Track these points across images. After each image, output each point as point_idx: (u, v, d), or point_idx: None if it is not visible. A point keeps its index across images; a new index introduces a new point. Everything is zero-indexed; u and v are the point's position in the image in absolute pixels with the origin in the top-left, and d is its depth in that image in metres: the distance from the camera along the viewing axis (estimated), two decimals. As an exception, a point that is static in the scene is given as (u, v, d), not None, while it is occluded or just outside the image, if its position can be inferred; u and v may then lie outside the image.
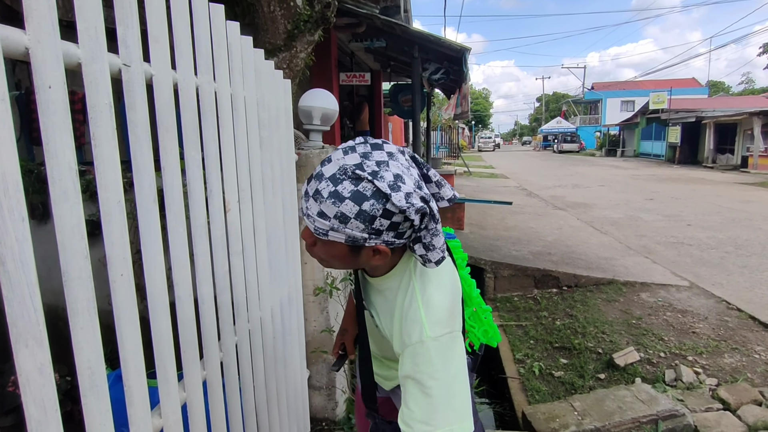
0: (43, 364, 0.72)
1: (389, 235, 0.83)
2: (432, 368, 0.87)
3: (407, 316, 0.91)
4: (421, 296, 0.91)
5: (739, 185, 13.44)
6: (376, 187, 0.78)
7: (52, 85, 0.73)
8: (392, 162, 0.82)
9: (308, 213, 0.83)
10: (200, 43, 1.22)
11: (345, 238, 0.82)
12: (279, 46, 2.98)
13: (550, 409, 2.72)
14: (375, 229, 0.80)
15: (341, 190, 0.78)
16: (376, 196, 0.78)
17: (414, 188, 0.81)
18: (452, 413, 0.87)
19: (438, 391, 0.86)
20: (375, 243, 0.83)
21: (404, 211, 0.79)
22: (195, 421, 1.20)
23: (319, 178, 0.82)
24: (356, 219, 0.78)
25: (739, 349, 3.42)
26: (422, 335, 0.87)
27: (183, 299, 1.13)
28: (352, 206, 0.78)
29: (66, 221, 0.76)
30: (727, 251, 5.86)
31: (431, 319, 0.89)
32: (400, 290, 0.95)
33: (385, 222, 0.80)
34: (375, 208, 0.78)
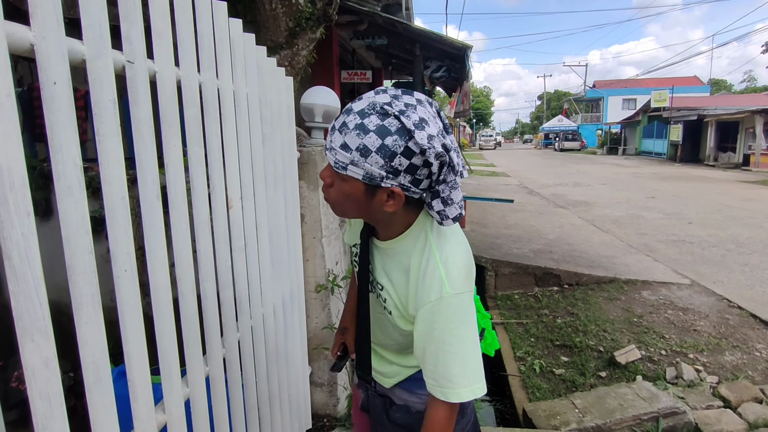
0: (48, 358, 0.72)
1: (406, 179, 0.83)
2: (451, 325, 0.89)
3: (425, 275, 0.91)
4: (439, 254, 0.91)
5: (741, 183, 13.42)
6: (401, 124, 0.79)
7: (57, 81, 0.74)
8: (420, 107, 0.83)
9: (331, 146, 0.83)
10: (203, 41, 1.22)
11: (363, 174, 0.82)
12: (281, 43, 2.98)
13: (551, 406, 2.72)
14: (393, 168, 0.81)
15: (367, 123, 0.80)
16: (400, 133, 0.79)
17: (437, 133, 0.82)
18: (471, 372, 0.91)
19: (457, 349, 0.89)
20: (391, 184, 0.83)
21: (425, 152, 0.80)
22: (198, 417, 1.20)
23: (348, 112, 0.83)
24: (377, 153, 0.79)
25: (740, 346, 3.42)
26: (442, 291, 0.88)
27: (186, 295, 1.13)
28: (375, 139, 0.79)
29: (71, 216, 0.77)
30: (728, 249, 5.85)
31: (450, 276, 0.89)
32: (415, 251, 0.94)
33: (405, 162, 0.81)
34: (397, 144, 0.79)
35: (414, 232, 0.96)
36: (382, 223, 0.97)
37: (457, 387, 0.90)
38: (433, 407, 0.94)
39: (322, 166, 2.30)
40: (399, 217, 0.95)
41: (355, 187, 0.85)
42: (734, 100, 26.54)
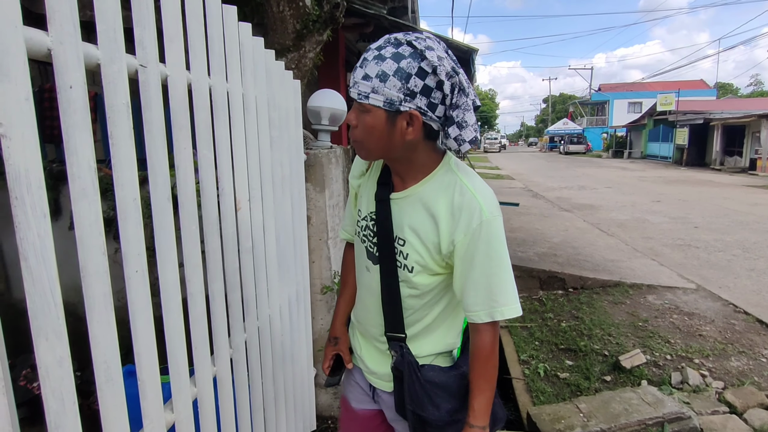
0: (62, 358, 0.73)
1: (422, 101, 0.91)
2: (493, 246, 0.97)
3: (463, 206, 0.98)
4: (472, 186, 1.00)
5: (747, 188, 13.34)
6: (413, 48, 0.89)
7: (73, 86, 0.75)
8: (429, 40, 0.92)
9: (354, 81, 0.93)
10: (213, 45, 1.24)
11: (383, 99, 0.90)
12: (288, 46, 3.00)
13: (555, 410, 2.72)
14: (410, 90, 0.89)
15: (384, 53, 0.90)
16: (413, 56, 0.89)
17: (445, 56, 0.91)
18: (511, 291, 1.00)
19: (498, 270, 0.98)
20: (408, 107, 0.91)
21: (436, 69, 0.89)
22: (205, 416, 1.21)
23: (368, 50, 0.93)
24: (394, 76, 0.88)
25: (746, 352, 3.40)
26: (482, 216, 0.97)
27: (195, 296, 1.15)
28: (391, 64, 0.89)
29: (85, 218, 0.78)
30: (734, 254, 5.82)
31: (486, 203, 0.98)
32: (444, 190, 1.01)
33: (419, 82, 0.89)
34: (411, 66, 0.88)
35: (440, 173, 1.03)
36: (406, 163, 1.03)
37: (499, 305, 0.99)
38: (477, 334, 1.03)
39: (329, 169, 2.31)
40: (423, 156, 1.02)
41: (377, 117, 0.93)
42: (741, 104, 26.40)
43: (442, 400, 1.10)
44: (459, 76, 0.93)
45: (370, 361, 1.24)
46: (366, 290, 1.19)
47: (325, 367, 1.32)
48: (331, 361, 1.32)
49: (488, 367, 1.05)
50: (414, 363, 1.13)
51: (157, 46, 0.99)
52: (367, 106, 0.92)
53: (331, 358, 1.32)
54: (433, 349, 1.15)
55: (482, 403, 1.05)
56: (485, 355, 1.04)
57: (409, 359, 1.13)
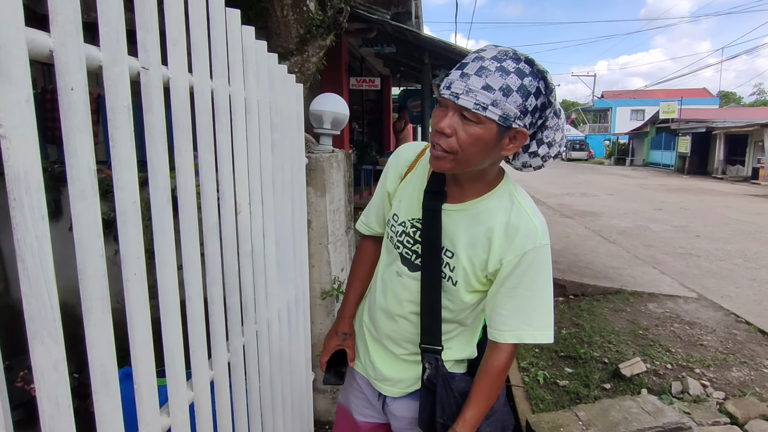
0: (57, 361, 0.73)
1: (528, 120, 0.91)
2: (542, 271, 0.99)
3: (519, 228, 0.99)
4: (528, 209, 1.01)
5: (749, 197, 13.32)
6: (532, 66, 0.89)
7: (75, 87, 0.75)
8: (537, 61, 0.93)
9: (469, 88, 0.88)
10: (216, 48, 1.24)
11: (500, 114, 0.88)
12: (291, 50, 3.00)
13: (554, 418, 2.70)
14: (525, 108, 0.89)
15: (506, 66, 0.88)
16: (534, 75, 0.89)
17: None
18: (548, 318, 1.00)
19: (542, 294, 0.99)
20: (519, 125, 0.91)
21: (552, 91, 0.91)
22: (202, 421, 1.20)
23: (480, 59, 0.90)
24: (517, 93, 0.87)
25: (748, 362, 3.38)
26: (536, 241, 0.98)
27: (193, 299, 1.14)
28: (516, 80, 0.87)
29: (83, 220, 0.78)
30: (736, 263, 5.80)
31: (541, 228, 1.00)
32: (500, 209, 1.01)
33: (534, 102, 0.90)
34: (532, 85, 0.89)
35: (500, 191, 1.04)
36: (476, 177, 1.02)
37: (532, 329, 0.99)
38: (496, 351, 1.03)
39: (330, 173, 2.31)
40: (492, 173, 1.03)
41: (488, 130, 0.90)
42: (743, 113, 26.40)
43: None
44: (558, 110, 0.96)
45: (384, 366, 1.20)
46: (393, 297, 1.15)
47: (324, 361, 1.26)
48: (329, 356, 1.27)
49: (494, 386, 1.05)
50: (447, 376, 1.11)
51: (160, 48, 0.99)
52: (481, 117, 0.89)
53: (331, 353, 1.27)
54: (452, 356, 1.15)
55: (474, 416, 1.05)
56: (496, 373, 1.04)
57: (444, 372, 1.11)
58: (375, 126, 9.89)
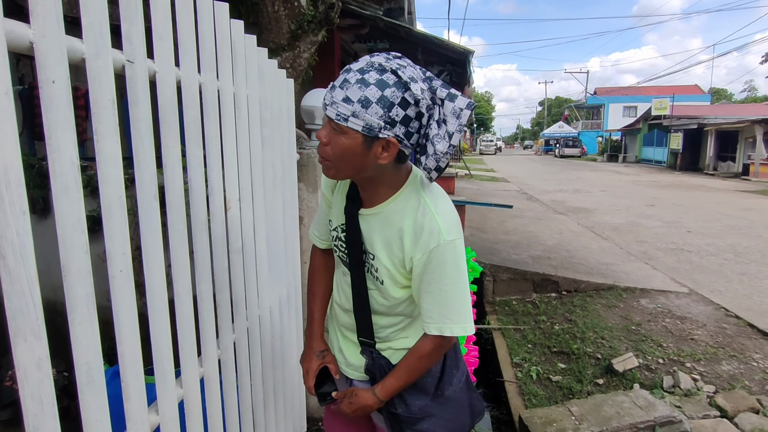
0: (41, 359, 0.72)
1: (401, 130, 0.92)
2: (447, 268, 1.00)
3: (424, 227, 1.00)
4: (434, 207, 1.01)
5: (740, 193, 13.43)
6: (398, 78, 0.90)
7: (56, 80, 0.73)
8: (410, 68, 0.93)
9: (332, 101, 0.91)
10: (204, 41, 1.22)
11: (363, 125, 0.90)
12: (282, 45, 2.98)
13: (547, 413, 2.71)
14: (391, 119, 0.90)
15: (367, 78, 0.89)
16: (397, 85, 0.89)
17: (427, 88, 0.92)
18: (464, 311, 1.04)
19: (452, 289, 1.01)
20: (387, 135, 0.91)
21: (418, 102, 0.90)
22: (192, 418, 1.19)
23: (348, 71, 0.92)
24: (377, 104, 0.88)
25: (737, 356, 3.41)
26: (440, 239, 0.99)
27: (182, 296, 1.13)
28: (375, 91, 0.88)
29: (67, 216, 0.76)
30: (726, 258, 5.85)
31: (446, 225, 1.00)
32: (408, 209, 1.03)
33: (401, 113, 0.90)
34: (395, 96, 0.89)
35: (406, 192, 1.05)
36: (373, 182, 1.04)
37: (450, 323, 1.03)
38: (424, 338, 1.08)
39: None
40: (389, 177, 1.04)
41: (353, 140, 0.92)
42: (734, 110, 26.62)
43: (413, 397, 1.14)
44: (436, 108, 0.93)
45: (348, 353, 1.25)
46: (343, 294, 1.22)
47: (311, 385, 1.26)
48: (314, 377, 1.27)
49: (415, 366, 1.10)
50: (384, 365, 1.17)
51: (146, 42, 0.98)
52: (344, 128, 0.91)
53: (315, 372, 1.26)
54: (404, 345, 1.17)
55: (393, 384, 1.11)
56: (418, 356, 1.09)
57: (380, 362, 1.18)
58: (368, 123, 9.88)
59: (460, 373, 1.20)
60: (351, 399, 1.16)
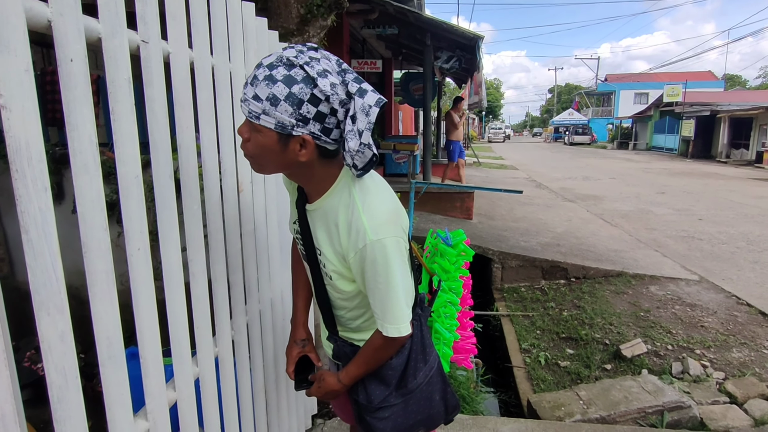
0: (64, 332, 0.73)
1: (316, 127, 0.88)
2: (378, 269, 0.97)
3: (351, 225, 0.98)
4: (362, 204, 0.98)
5: (753, 181, 13.25)
6: (306, 73, 0.86)
7: (74, 59, 0.74)
8: (323, 60, 0.89)
9: (244, 97, 0.88)
10: (216, 23, 1.22)
11: (275, 123, 0.87)
12: (291, 30, 2.97)
13: (556, 397, 2.73)
14: (302, 116, 0.86)
15: (275, 74, 0.85)
16: (305, 81, 0.85)
17: (339, 83, 0.88)
18: (398, 312, 1.02)
19: (386, 289, 0.99)
20: (302, 132, 0.88)
21: (329, 98, 0.87)
22: (207, 396, 1.22)
23: (259, 66, 0.88)
24: (285, 101, 0.85)
25: (748, 344, 3.40)
26: (366, 239, 0.96)
27: (197, 276, 1.15)
28: (282, 88, 0.85)
29: (86, 193, 0.78)
30: (738, 246, 5.80)
31: (372, 223, 0.96)
32: (341, 206, 1.01)
33: (312, 109, 0.86)
34: (303, 92, 0.85)
35: (338, 188, 1.02)
36: (304, 178, 1.02)
37: (386, 323, 1.02)
38: (374, 333, 1.08)
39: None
40: (320, 172, 1.00)
41: (268, 137, 0.90)
42: (749, 96, 26.10)
43: (373, 387, 1.15)
44: (351, 102, 0.89)
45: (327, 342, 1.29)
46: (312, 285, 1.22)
47: (291, 371, 1.28)
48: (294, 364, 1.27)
49: (372, 356, 1.11)
50: (349, 353, 1.19)
51: (160, 24, 0.98)
52: (258, 126, 0.89)
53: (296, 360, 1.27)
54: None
55: (353, 371, 1.13)
56: (373, 348, 1.09)
57: (344, 350, 1.20)
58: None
59: (427, 367, 1.19)
60: (319, 383, 1.19)
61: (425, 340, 1.19)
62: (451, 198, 6.53)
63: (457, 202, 6.49)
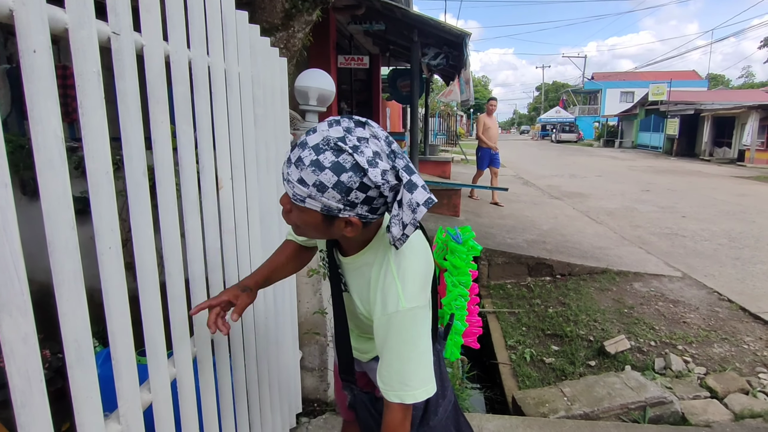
0: (27, 334, 0.71)
1: (363, 209, 0.87)
2: (405, 336, 0.95)
3: (383, 288, 0.96)
4: (397, 269, 0.96)
5: (735, 179, 13.47)
6: (355, 161, 0.82)
7: (37, 50, 0.71)
8: (372, 140, 0.86)
9: (288, 178, 0.86)
10: (193, 15, 1.19)
11: (321, 206, 0.85)
12: (276, 25, 2.93)
13: (540, 394, 2.74)
14: (350, 201, 0.84)
15: (322, 160, 0.82)
16: (355, 170, 0.82)
17: (390, 168, 0.86)
18: (424, 375, 0.98)
19: (410, 357, 0.96)
20: (349, 215, 0.87)
21: (379, 187, 0.84)
22: (185, 397, 1.19)
23: (303, 146, 0.85)
24: (333, 189, 0.82)
25: (729, 339, 3.45)
26: (398, 306, 0.94)
27: (173, 275, 1.12)
28: (331, 176, 0.82)
29: (51, 190, 0.75)
30: (720, 243, 5.89)
31: (406, 290, 0.95)
32: (375, 264, 0.99)
33: (361, 195, 0.84)
34: (352, 181, 0.82)
35: (374, 246, 1.01)
36: (343, 241, 1.03)
37: (411, 389, 0.97)
38: (389, 411, 1.00)
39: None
40: (359, 237, 0.99)
41: (313, 217, 0.89)
42: (731, 96, 26.51)
43: None
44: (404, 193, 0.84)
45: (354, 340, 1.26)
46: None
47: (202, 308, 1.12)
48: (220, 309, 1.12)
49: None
50: (367, 400, 1.20)
51: (133, 16, 0.95)
52: (301, 207, 0.88)
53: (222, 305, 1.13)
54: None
55: None
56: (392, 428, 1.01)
57: (361, 398, 1.21)
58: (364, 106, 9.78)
59: (446, 401, 1.18)
60: None
61: (443, 374, 1.18)
62: (438, 195, 6.50)
63: (444, 199, 6.49)
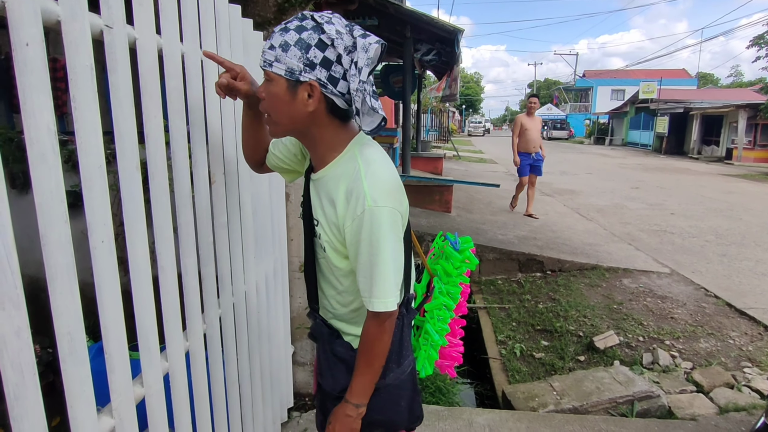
0: (20, 328, 0.70)
1: (322, 73, 0.94)
2: (373, 237, 0.97)
3: (353, 192, 0.99)
4: (365, 173, 0.99)
5: (723, 176, 13.64)
6: (315, 22, 0.94)
7: (30, 43, 0.71)
8: (335, 17, 0.97)
9: (262, 50, 0.97)
10: (186, 9, 1.18)
11: (285, 69, 0.94)
12: (269, 19, 2.91)
13: (530, 388, 2.77)
14: (309, 61, 0.93)
15: (289, 25, 0.95)
16: (314, 29, 0.94)
17: (345, 32, 0.95)
18: (387, 286, 1.00)
19: (378, 260, 0.98)
20: (309, 78, 0.94)
21: (333, 42, 0.93)
22: (177, 391, 1.20)
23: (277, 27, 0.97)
24: (295, 46, 0.93)
25: (715, 334, 3.51)
26: (365, 204, 0.97)
27: (166, 269, 1.12)
28: (293, 35, 0.93)
29: (44, 184, 0.74)
30: (707, 240, 5.97)
31: (373, 191, 0.98)
32: (345, 175, 1.02)
33: (319, 54, 0.93)
34: (311, 37, 0.93)
35: (344, 159, 1.05)
36: (313, 141, 1.05)
37: (373, 296, 1.00)
38: (366, 320, 1.06)
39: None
40: (328, 136, 1.04)
41: (279, 86, 0.96)
42: (720, 94, 26.78)
43: (342, 375, 1.15)
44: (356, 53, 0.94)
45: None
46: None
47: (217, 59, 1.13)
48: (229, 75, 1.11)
49: (370, 354, 1.07)
50: (327, 333, 1.19)
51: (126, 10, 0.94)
52: (270, 74, 0.96)
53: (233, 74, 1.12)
54: (357, 331, 1.16)
55: (359, 384, 1.09)
56: (367, 341, 1.07)
57: (321, 329, 1.20)
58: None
59: (399, 370, 1.16)
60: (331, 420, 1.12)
61: (404, 342, 1.17)
62: (430, 191, 6.55)
63: (436, 195, 6.51)
